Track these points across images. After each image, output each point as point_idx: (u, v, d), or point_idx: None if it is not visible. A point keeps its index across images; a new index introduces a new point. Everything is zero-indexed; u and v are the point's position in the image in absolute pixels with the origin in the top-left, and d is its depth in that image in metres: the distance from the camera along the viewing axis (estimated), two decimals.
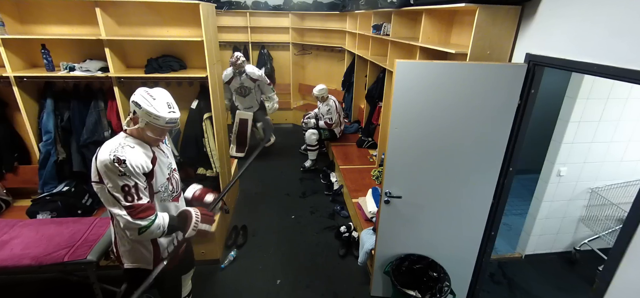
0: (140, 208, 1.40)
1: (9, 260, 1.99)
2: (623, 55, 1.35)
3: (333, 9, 5.68)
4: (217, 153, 2.90)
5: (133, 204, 1.39)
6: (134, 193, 1.39)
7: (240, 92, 4.37)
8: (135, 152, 1.42)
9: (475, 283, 2.44)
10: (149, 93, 1.44)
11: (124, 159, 1.35)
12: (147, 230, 1.43)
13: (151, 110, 1.41)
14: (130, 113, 1.47)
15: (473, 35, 1.90)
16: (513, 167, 2.05)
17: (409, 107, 1.95)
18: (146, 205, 1.42)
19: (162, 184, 1.57)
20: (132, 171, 1.38)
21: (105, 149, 1.37)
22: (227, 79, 4.27)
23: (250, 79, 4.26)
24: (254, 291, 2.60)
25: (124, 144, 1.41)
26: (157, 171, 1.52)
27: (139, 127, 1.45)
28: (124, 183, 1.37)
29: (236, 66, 4.12)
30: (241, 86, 4.31)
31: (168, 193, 1.61)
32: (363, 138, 4.58)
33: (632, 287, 1.35)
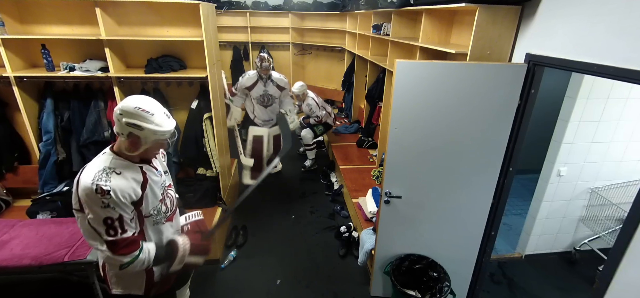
0: (124, 242, 1.25)
1: (9, 260, 1.99)
2: (623, 55, 1.35)
3: (333, 9, 5.69)
4: (217, 152, 2.90)
5: (116, 239, 1.23)
6: (117, 226, 1.23)
7: (262, 102, 3.66)
8: (121, 179, 1.25)
9: (475, 283, 2.44)
10: (143, 109, 1.26)
11: (108, 190, 1.19)
12: (130, 266, 1.28)
13: (156, 128, 1.27)
14: (121, 134, 1.28)
15: (473, 36, 1.90)
16: (513, 167, 2.05)
17: (409, 107, 1.95)
18: (130, 238, 1.27)
19: (155, 207, 1.41)
20: (118, 201, 1.21)
21: (88, 174, 1.21)
22: (249, 83, 3.57)
23: (277, 87, 3.63)
24: (254, 291, 2.60)
25: (109, 170, 1.24)
26: (147, 195, 1.35)
27: (145, 148, 1.31)
28: (107, 215, 1.21)
29: (263, 69, 3.48)
30: (265, 94, 3.62)
31: (161, 215, 1.46)
32: (363, 138, 4.58)
33: (632, 287, 1.35)
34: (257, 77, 3.57)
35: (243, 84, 3.60)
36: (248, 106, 3.79)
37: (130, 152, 1.31)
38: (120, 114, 1.25)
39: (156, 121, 1.28)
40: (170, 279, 1.60)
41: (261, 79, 3.58)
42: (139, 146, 1.30)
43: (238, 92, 3.69)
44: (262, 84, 3.59)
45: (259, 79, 3.58)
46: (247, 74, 3.62)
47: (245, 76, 3.62)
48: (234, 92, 3.72)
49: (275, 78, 3.64)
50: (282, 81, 3.67)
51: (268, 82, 3.60)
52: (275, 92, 3.65)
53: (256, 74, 3.58)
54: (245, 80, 3.60)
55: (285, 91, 3.71)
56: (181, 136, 2.91)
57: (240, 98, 3.76)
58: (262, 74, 3.54)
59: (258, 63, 3.50)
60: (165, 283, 1.57)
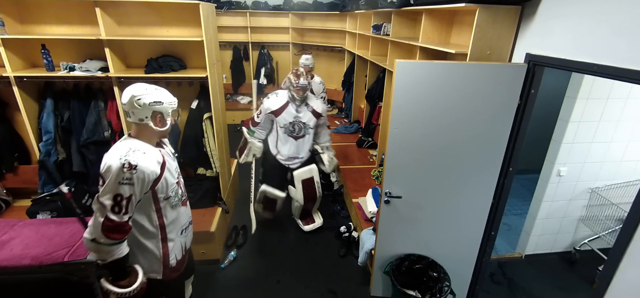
0: (119, 226, 1.33)
1: (9, 260, 1.99)
2: (623, 55, 1.35)
3: (333, 9, 5.69)
4: (217, 153, 2.90)
5: (113, 219, 1.31)
6: (123, 206, 1.32)
7: (290, 131, 2.81)
8: (146, 158, 1.37)
9: (475, 283, 2.44)
10: (149, 89, 1.43)
11: (135, 165, 1.31)
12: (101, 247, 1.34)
13: (170, 98, 1.47)
14: (146, 118, 1.41)
15: (473, 36, 1.90)
16: (513, 167, 2.05)
17: (409, 107, 1.95)
18: (125, 226, 1.36)
19: (173, 189, 1.52)
20: (141, 177, 1.33)
21: (114, 154, 1.32)
22: (276, 105, 2.73)
23: (312, 113, 2.80)
24: (254, 291, 2.60)
25: (136, 150, 1.35)
26: (166, 177, 1.47)
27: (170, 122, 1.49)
28: (119, 192, 1.30)
29: (298, 89, 2.66)
30: (296, 121, 2.76)
31: (178, 197, 1.58)
32: (363, 138, 4.58)
33: (632, 287, 1.35)
34: (288, 98, 2.76)
35: (268, 107, 2.73)
36: (271, 141, 2.91)
37: (159, 128, 1.46)
38: (138, 99, 1.38)
39: (164, 93, 1.47)
40: (183, 264, 1.70)
41: (293, 101, 2.76)
42: (165, 121, 1.47)
43: (261, 119, 2.82)
44: (294, 107, 2.76)
45: (290, 101, 2.77)
46: (274, 94, 2.79)
47: (272, 96, 2.77)
48: (255, 122, 2.85)
49: (313, 102, 2.84)
50: (319, 106, 2.85)
51: (302, 107, 2.77)
52: (310, 120, 2.80)
53: (287, 94, 2.77)
54: (272, 101, 2.74)
55: (322, 119, 2.90)
56: (181, 136, 2.91)
57: (264, 130, 2.88)
58: (295, 94, 2.69)
59: (292, 81, 2.64)
60: (179, 267, 1.67)
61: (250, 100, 6.33)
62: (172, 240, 1.59)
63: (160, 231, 1.54)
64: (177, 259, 1.62)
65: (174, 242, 1.60)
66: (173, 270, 1.61)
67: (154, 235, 1.53)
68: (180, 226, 1.64)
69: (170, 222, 1.56)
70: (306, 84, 2.65)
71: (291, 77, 2.70)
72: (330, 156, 3.04)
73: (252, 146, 2.84)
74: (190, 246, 1.93)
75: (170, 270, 1.60)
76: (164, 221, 1.53)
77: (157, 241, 1.54)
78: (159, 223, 1.52)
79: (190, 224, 1.76)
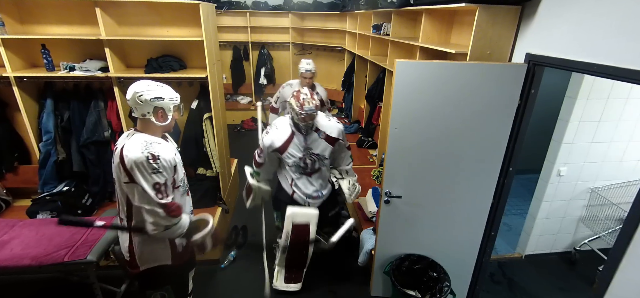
0: (173, 205, 1.47)
1: (9, 260, 1.99)
2: (623, 55, 1.35)
3: (333, 9, 5.68)
4: (217, 153, 2.90)
5: (166, 203, 1.44)
6: (164, 191, 1.43)
7: (303, 169, 2.24)
8: (163, 148, 1.47)
9: (475, 283, 2.44)
10: (150, 85, 1.48)
11: (158, 155, 1.40)
12: (172, 229, 1.50)
13: (171, 94, 1.51)
14: (148, 114, 1.47)
15: (473, 36, 1.90)
16: (513, 167, 2.05)
17: (409, 107, 1.95)
18: (176, 204, 1.49)
19: (181, 178, 1.62)
20: (166, 166, 1.43)
21: (134, 148, 1.39)
22: (278, 143, 2.14)
23: (326, 139, 2.20)
24: (254, 291, 2.60)
25: (151, 141, 1.44)
26: (178, 165, 1.58)
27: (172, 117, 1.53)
28: (156, 180, 1.41)
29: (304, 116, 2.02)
30: (307, 155, 2.18)
31: (185, 186, 1.68)
32: (363, 138, 4.58)
33: (632, 287, 1.35)
34: (292, 128, 2.15)
35: (270, 145, 2.15)
36: (282, 176, 2.36)
37: (161, 123, 1.51)
38: (140, 95, 1.43)
39: (167, 89, 1.51)
40: (188, 251, 1.78)
41: (299, 130, 2.15)
42: (166, 116, 1.52)
43: (263, 159, 2.27)
44: (301, 138, 2.15)
45: (295, 131, 2.15)
46: (273, 127, 2.20)
47: (272, 129, 2.18)
48: (258, 162, 2.32)
49: (324, 126, 2.19)
50: (334, 128, 2.21)
51: (311, 135, 2.16)
52: (325, 149, 2.21)
53: (289, 123, 2.16)
54: (273, 136, 2.15)
55: (340, 142, 2.28)
56: (181, 136, 2.91)
57: (270, 169, 2.35)
58: (299, 121, 2.07)
59: (295, 109, 2.01)
60: (185, 254, 1.75)
61: (250, 100, 6.34)
62: None
63: None
64: (182, 245, 1.71)
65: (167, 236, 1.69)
66: (180, 256, 1.70)
67: None
68: (187, 213, 1.72)
69: None
70: (314, 110, 2.00)
71: (292, 102, 2.03)
72: (352, 182, 2.47)
73: (257, 191, 2.31)
74: None
75: (178, 256, 1.69)
76: None
77: None
78: None
79: (191, 213, 1.84)
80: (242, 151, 4.15)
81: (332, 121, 2.25)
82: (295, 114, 2.05)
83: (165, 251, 1.66)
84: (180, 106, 1.61)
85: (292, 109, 2.06)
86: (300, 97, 2.01)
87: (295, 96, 2.05)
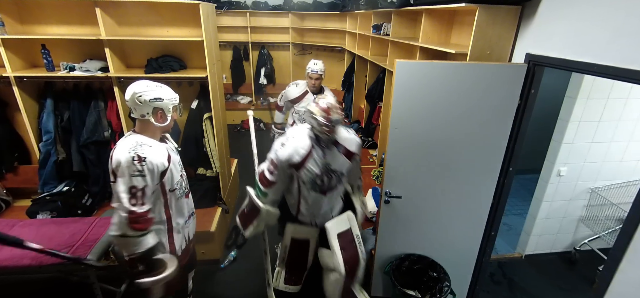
0: (139, 217, 1.39)
1: (9, 260, 1.99)
2: (623, 55, 1.35)
3: (333, 9, 5.68)
4: (217, 153, 2.90)
5: (134, 211, 1.38)
6: (139, 197, 1.39)
7: (319, 186, 1.90)
8: (153, 151, 1.44)
9: (475, 283, 2.44)
10: (149, 86, 1.47)
11: (144, 157, 1.38)
12: (130, 240, 1.40)
13: (170, 95, 1.50)
14: (147, 115, 1.46)
15: (473, 36, 1.90)
16: (513, 167, 2.05)
17: (409, 107, 1.95)
18: (145, 217, 1.42)
19: (178, 181, 1.61)
20: (151, 169, 1.40)
21: (122, 149, 1.39)
22: (296, 158, 1.80)
23: (345, 154, 1.91)
24: (254, 291, 2.60)
25: (142, 143, 1.43)
26: (171, 169, 1.55)
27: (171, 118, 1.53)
28: (134, 184, 1.37)
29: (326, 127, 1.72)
30: (325, 170, 1.87)
31: (182, 189, 1.66)
32: (363, 138, 4.58)
33: (632, 287, 1.35)
34: (311, 141, 1.81)
35: (288, 159, 1.80)
36: (288, 193, 2.05)
37: (160, 124, 1.51)
38: (139, 96, 1.43)
39: (166, 90, 1.51)
40: (187, 254, 1.76)
41: (319, 143, 1.83)
42: (166, 117, 1.51)
43: (276, 177, 1.86)
44: (320, 153, 1.83)
45: (315, 145, 1.82)
46: (290, 138, 1.83)
47: (289, 142, 1.81)
48: (268, 180, 1.87)
49: (344, 139, 1.89)
50: (353, 142, 1.92)
51: (331, 149, 1.86)
52: (343, 165, 1.91)
53: (309, 136, 1.82)
54: (292, 149, 1.79)
55: (356, 158, 1.99)
56: (181, 136, 2.91)
57: (282, 185, 1.93)
58: (322, 133, 1.76)
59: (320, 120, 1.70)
60: (182, 258, 1.72)
61: (250, 100, 6.34)
62: (177, 231, 1.68)
63: (167, 223, 1.62)
64: (181, 248, 1.70)
65: (179, 233, 1.69)
66: (179, 259, 1.67)
67: (162, 227, 1.60)
68: (184, 217, 1.72)
69: (175, 213, 1.64)
70: (340, 120, 1.75)
71: (315, 110, 1.72)
72: (363, 200, 2.19)
73: (265, 214, 1.91)
74: (194, 241, 1.97)
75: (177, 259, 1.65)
76: (170, 213, 1.61)
77: (164, 232, 1.61)
78: (166, 216, 1.60)
79: (192, 215, 1.84)
80: (242, 151, 4.14)
81: (350, 134, 1.96)
82: (317, 124, 1.73)
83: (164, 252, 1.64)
84: (179, 106, 1.61)
85: (313, 118, 1.74)
86: (325, 104, 1.72)
87: (318, 102, 1.75)
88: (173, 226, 1.65)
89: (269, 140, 2.95)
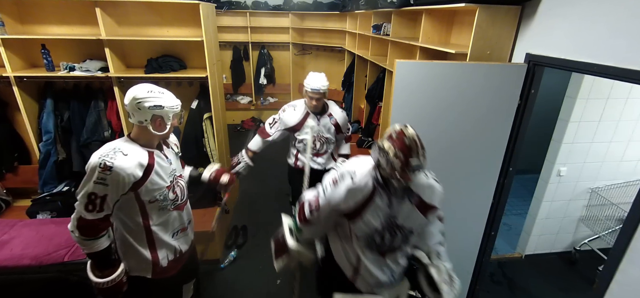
0: (87, 223, 1.34)
1: (9, 260, 1.99)
2: (623, 55, 1.35)
3: (333, 9, 5.68)
4: (217, 152, 2.90)
5: (83, 217, 1.33)
6: (97, 204, 1.32)
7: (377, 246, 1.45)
8: (126, 160, 1.34)
9: (475, 283, 2.43)
10: (151, 91, 1.40)
11: (110, 166, 1.29)
12: (76, 239, 1.39)
13: (172, 103, 1.43)
14: (145, 122, 1.38)
15: (473, 36, 1.90)
16: (513, 167, 2.05)
17: (409, 107, 1.95)
18: (93, 224, 1.35)
19: (161, 192, 1.47)
20: (116, 179, 1.31)
21: (97, 152, 1.34)
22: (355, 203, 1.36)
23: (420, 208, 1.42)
24: (254, 291, 2.60)
25: (118, 150, 1.34)
26: (153, 179, 1.42)
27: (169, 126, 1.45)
28: (93, 190, 1.30)
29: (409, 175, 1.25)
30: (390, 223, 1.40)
31: (168, 201, 1.52)
32: (363, 138, 4.58)
33: (632, 287, 1.35)
34: (375, 184, 1.35)
35: (345, 202, 1.37)
36: (338, 246, 1.57)
37: (159, 132, 1.43)
38: (139, 102, 1.36)
39: (168, 97, 1.43)
40: (176, 267, 1.66)
41: (384, 189, 1.35)
42: (165, 125, 1.43)
43: (318, 215, 1.47)
44: (384, 201, 1.36)
45: (379, 191, 1.36)
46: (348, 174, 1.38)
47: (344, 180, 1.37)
48: (306, 217, 1.51)
49: (421, 185, 1.42)
50: (434, 191, 1.45)
51: (400, 197, 1.38)
52: (416, 220, 1.44)
53: (372, 176, 1.36)
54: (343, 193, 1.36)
55: (436, 212, 1.51)
56: (181, 136, 2.91)
57: (323, 228, 1.59)
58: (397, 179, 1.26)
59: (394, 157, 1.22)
60: (170, 268, 1.62)
61: (250, 100, 6.33)
62: (161, 242, 1.56)
63: (147, 233, 1.51)
64: (168, 260, 1.59)
65: (163, 244, 1.57)
66: (165, 270, 1.59)
67: (140, 236, 1.51)
68: (172, 229, 1.60)
69: (157, 224, 1.53)
70: (423, 165, 1.29)
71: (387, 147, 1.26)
72: (448, 270, 1.54)
73: (297, 256, 1.61)
74: (195, 252, 1.89)
75: (161, 270, 1.58)
76: (149, 223, 1.50)
77: (143, 242, 1.52)
78: (144, 225, 1.49)
79: (186, 227, 1.70)
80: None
81: (430, 179, 1.45)
82: (386, 164, 1.25)
83: (144, 262, 1.54)
84: (181, 113, 1.53)
85: (382, 155, 1.27)
86: (406, 140, 1.24)
87: (393, 135, 1.27)
88: (155, 237, 1.53)
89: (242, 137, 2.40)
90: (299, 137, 2.40)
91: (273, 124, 2.41)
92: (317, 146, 2.36)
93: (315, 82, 2.24)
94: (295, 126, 2.35)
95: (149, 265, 1.55)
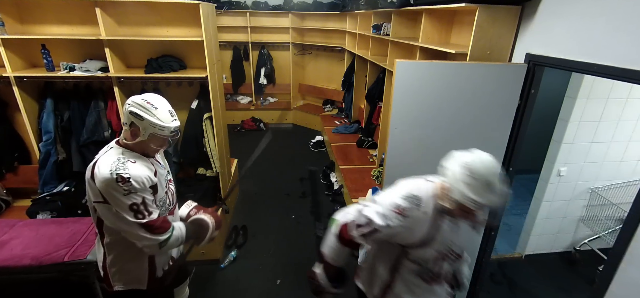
0: (155, 223, 1.31)
1: (9, 260, 1.99)
2: (623, 55, 1.35)
3: (333, 9, 5.69)
4: (217, 153, 2.90)
5: (147, 221, 1.29)
6: (143, 210, 1.29)
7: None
8: (137, 167, 1.30)
9: (475, 283, 2.43)
10: (148, 101, 1.31)
11: (128, 177, 1.24)
12: (167, 243, 1.36)
13: (156, 121, 1.29)
14: (125, 124, 1.33)
15: (473, 36, 1.90)
16: (513, 167, 2.05)
17: (409, 107, 1.95)
18: (160, 219, 1.34)
19: (161, 198, 1.44)
20: (138, 187, 1.26)
21: (104, 167, 1.24)
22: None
23: None
24: (254, 291, 2.60)
25: (124, 159, 1.29)
26: (158, 185, 1.41)
27: (141, 140, 1.32)
28: (132, 201, 1.26)
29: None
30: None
31: (165, 206, 1.47)
32: (363, 138, 4.58)
33: (632, 287, 1.35)
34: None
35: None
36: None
37: (128, 141, 1.34)
38: (128, 103, 1.32)
39: (158, 115, 1.31)
40: (171, 274, 1.62)
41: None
42: (137, 136, 1.32)
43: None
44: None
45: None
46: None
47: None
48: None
49: None
50: None
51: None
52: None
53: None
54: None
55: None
56: (181, 136, 2.91)
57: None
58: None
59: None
60: (165, 278, 1.58)
61: (250, 100, 6.34)
62: None
63: None
64: (163, 270, 1.56)
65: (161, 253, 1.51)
66: (159, 281, 1.55)
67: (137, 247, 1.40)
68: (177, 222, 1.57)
69: None
70: None
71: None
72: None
73: None
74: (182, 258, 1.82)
75: (156, 281, 1.54)
76: None
77: (141, 252, 1.43)
78: None
79: None
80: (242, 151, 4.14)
81: None
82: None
83: (140, 274, 1.49)
84: (170, 138, 1.38)
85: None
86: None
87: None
88: None
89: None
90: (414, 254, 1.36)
91: (367, 225, 1.28)
92: (440, 267, 1.38)
93: (490, 196, 1.14)
94: (421, 240, 1.29)
95: (145, 276, 1.50)
